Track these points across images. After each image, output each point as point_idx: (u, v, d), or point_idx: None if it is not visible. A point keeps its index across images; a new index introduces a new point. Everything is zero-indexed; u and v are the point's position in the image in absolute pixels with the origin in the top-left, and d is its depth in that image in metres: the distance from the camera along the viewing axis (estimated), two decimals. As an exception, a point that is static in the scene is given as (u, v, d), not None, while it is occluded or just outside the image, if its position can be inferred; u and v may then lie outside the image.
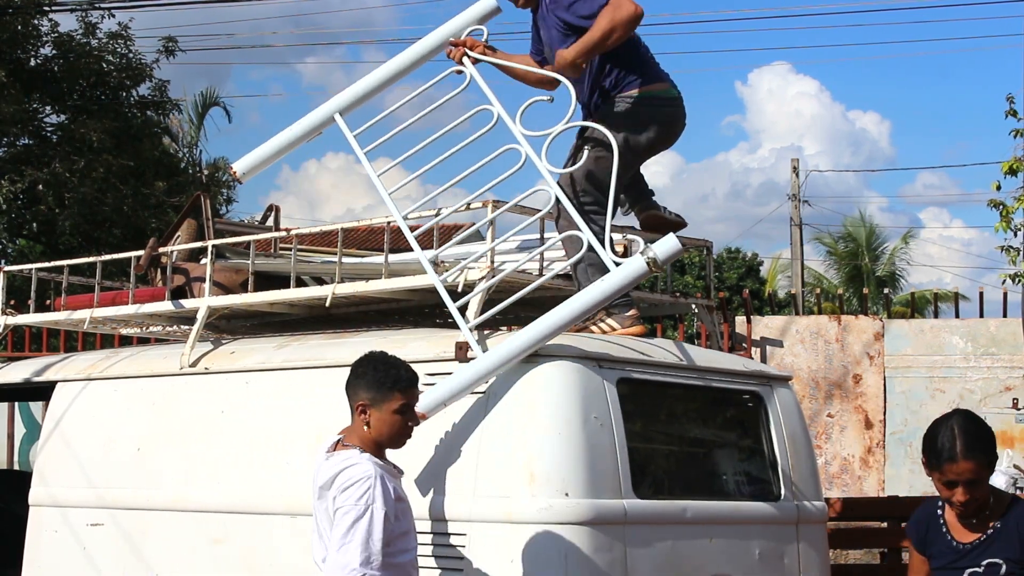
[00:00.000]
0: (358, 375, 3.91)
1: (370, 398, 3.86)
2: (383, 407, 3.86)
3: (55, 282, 6.62)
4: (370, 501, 3.72)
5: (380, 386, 3.86)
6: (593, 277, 4.92)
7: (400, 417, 3.88)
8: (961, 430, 3.92)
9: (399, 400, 3.87)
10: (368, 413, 3.87)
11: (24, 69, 18.01)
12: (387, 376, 3.88)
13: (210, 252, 5.43)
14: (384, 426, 3.88)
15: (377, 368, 3.90)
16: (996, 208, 12.14)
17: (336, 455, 3.89)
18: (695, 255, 23.38)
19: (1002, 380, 11.89)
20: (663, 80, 5.25)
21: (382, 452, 3.93)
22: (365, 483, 3.74)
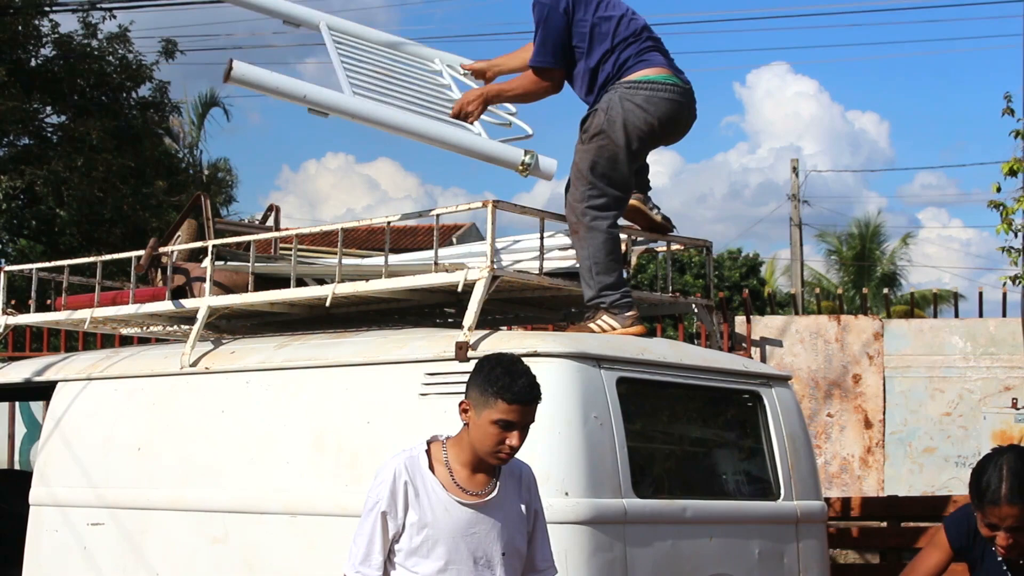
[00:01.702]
0: (475, 371, 3.54)
1: (474, 400, 3.49)
2: (483, 413, 3.45)
3: (55, 282, 6.62)
4: (377, 498, 3.50)
5: (486, 389, 3.47)
6: (597, 276, 4.93)
7: (497, 431, 3.44)
8: (1010, 471, 3.65)
9: (500, 412, 3.43)
10: (467, 414, 3.51)
11: (24, 69, 18.02)
12: (498, 381, 3.46)
13: (210, 252, 5.43)
14: (479, 434, 3.47)
15: (493, 369, 3.50)
16: (996, 209, 12.14)
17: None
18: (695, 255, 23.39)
19: (1002, 380, 11.88)
20: (666, 68, 5.22)
21: (475, 462, 3.52)
22: (378, 477, 3.53)
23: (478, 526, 3.48)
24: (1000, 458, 3.71)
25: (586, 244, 4.94)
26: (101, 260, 6.13)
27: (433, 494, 3.48)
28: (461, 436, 3.54)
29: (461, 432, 3.54)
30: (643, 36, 5.22)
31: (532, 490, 3.60)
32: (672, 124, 5.21)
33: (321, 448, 4.72)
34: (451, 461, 3.53)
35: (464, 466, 3.52)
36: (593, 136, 5.05)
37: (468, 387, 3.51)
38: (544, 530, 3.63)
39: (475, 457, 3.50)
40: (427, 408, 4.46)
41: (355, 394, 4.73)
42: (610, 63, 5.16)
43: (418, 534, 3.46)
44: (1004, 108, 12.25)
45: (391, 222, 5.14)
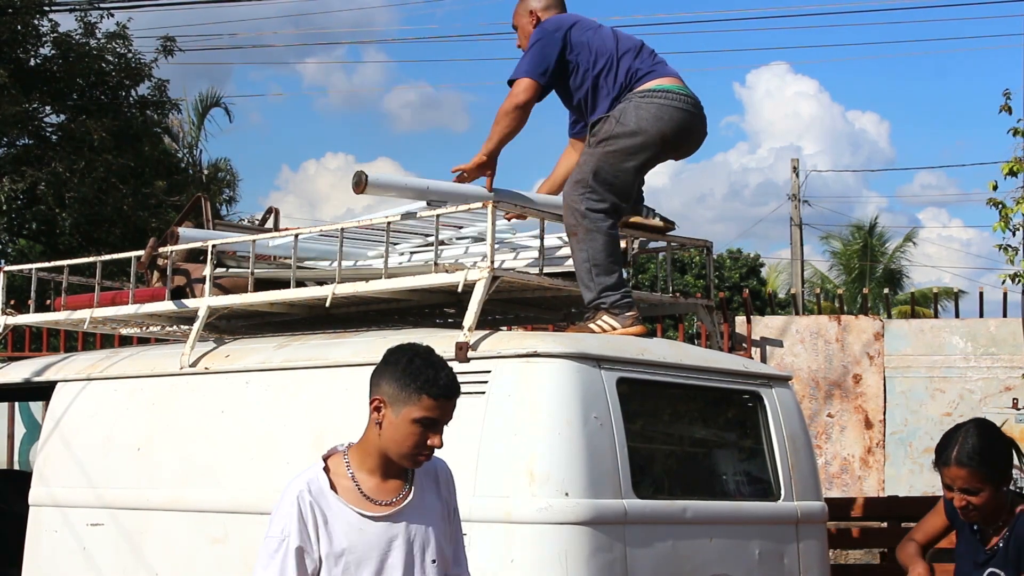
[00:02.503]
0: (387, 363, 3.17)
1: (390, 394, 3.12)
2: (402, 411, 3.10)
3: (55, 282, 6.62)
4: (283, 532, 3.11)
5: (407, 384, 3.11)
6: (597, 277, 4.93)
7: (419, 430, 3.11)
8: (966, 437, 3.96)
9: (424, 409, 3.11)
10: (382, 412, 3.14)
11: (24, 69, 18.02)
12: (420, 374, 3.12)
13: (210, 252, 5.43)
14: (397, 435, 3.11)
15: (412, 362, 3.14)
16: (996, 207, 12.14)
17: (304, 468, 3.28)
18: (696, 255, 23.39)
19: (1002, 380, 11.88)
20: (679, 78, 5.22)
21: (385, 466, 3.19)
22: (279, 509, 3.15)
23: (399, 537, 3.14)
24: (965, 425, 4.04)
25: (585, 246, 4.93)
26: (101, 260, 6.12)
27: (341, 515, 3.11)
28: (368, 440, 3.18)
29: (367, 435, 3.17)
30: (645, 48, 5.24)
31: (451, 487, 3.35)
32: (684, 135, 5.20)
33: (321, 448, 4.70)
34: (356, 471, 3.16)
35: (372, 473, 3.17)
36: (602, 141, 5.04)
37: (378, 382, 3.16)
38: (460, 532, 3.38)
39: (385, 462, 3.16)
40: (427, 408, 4.44)
41: (355, 394, 4.71)
42: (620, 75, 5.15)
43: (336, 565, 3.09)
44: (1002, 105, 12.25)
45: (391, 222, 5.13)
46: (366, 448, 3.20)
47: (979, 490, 3.94)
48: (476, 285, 4.61)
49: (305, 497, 3.14)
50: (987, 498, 3.95)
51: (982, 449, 3.94)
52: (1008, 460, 4.00)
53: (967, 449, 3.95)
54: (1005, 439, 4.04)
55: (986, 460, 3.94)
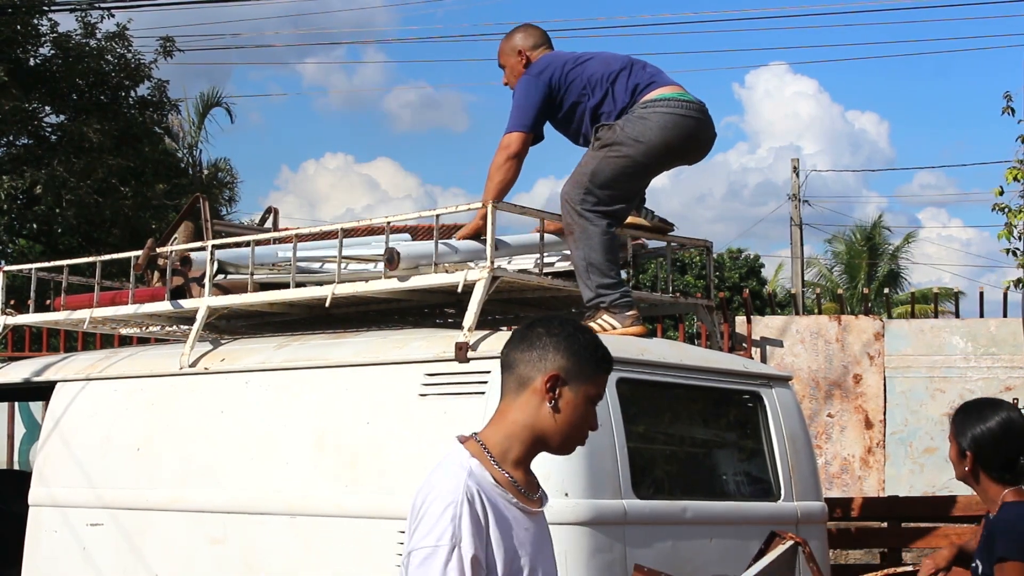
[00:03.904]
0: (550, 334, 2.70)
1: (568, 370, 2.67)
2: (580, 388, 2.68)
3: (55, 282, 6.61)
4: (453, 538, 2.53)
5: (586, 358, 2.69)
6: (592, 276, 4.92)
7: (592, 410, 2.72)
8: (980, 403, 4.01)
9: (599, 385, 2.72)
10: (559, 391, 2.67)
11: (24, 69, 18.01)
12: (595, 347, 2.72)
13: (209, 252, 5.42)
14: (575, 415, 2.68)
15: (580, 333, 2.73)
16: (1002, 211, 12.14)
17: (442, 458, 2.70)
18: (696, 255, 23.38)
19: (1002, 380, 11.87)
20: (676, 85, 5.21)
21: (530, 456, 2.74)
22: (442, 511, 2.55)
23: (545, 540, 2.78)
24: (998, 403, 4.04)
25: (581, 244, 4.93)
26: (100, 260, 6.12)
27: (508, 512, 2.64)
28: (524, 424, 2.69)
29: (522, 419, 2.69)
30: (638, 62, 5.24)
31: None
32: (691, 141, 5.19)
33: (321, 448, 4.72)
34: (500, 462, 2.68)
35: (516, 466, 2.70)
36: (604, 146, 5.04)
37: (544, 356, 2.68)
38: None
39: (534, 450, 2.73)
40: (427, 408, 4.45)
41: (355, 394, 4.72)
42: (619, 93, 5.14)
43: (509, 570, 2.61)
44: (1004, 107, 12.26)
45: (391, 222, 5.13)
46: (516, 435, 2.69)
47: (949, 441, 3.98)
48: (476, 285, 4.61)
49: (473, 491, 2.58)
50: (952, 456, 3.94)
51: (968, 415, 3.95)
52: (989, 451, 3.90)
53: (966, 404, 4.01)
54: (1005, 436, 3.97)
55: (961, 423, 3.94)
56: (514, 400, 2.71)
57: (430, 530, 2.54)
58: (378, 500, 4.48)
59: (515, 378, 2.71)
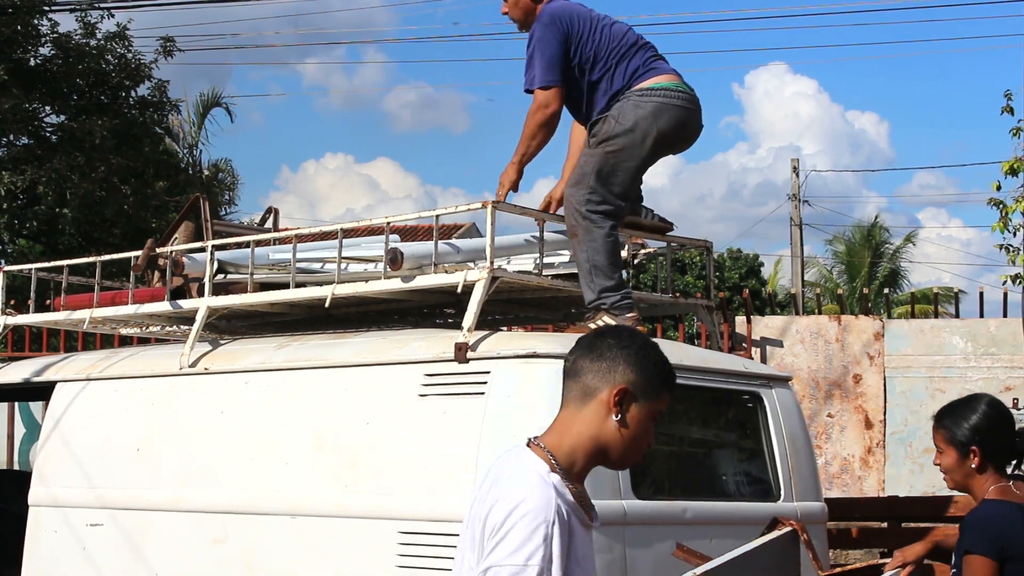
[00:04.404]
0: (621, 346, 2.65)
1: (638, 385, 2.61)
2: (646, 405, 2.63)
3: (55, 282, 6.61)
4: (542, 562, 2.45)
5: (655, 374, 2.64)
6: (596, 279, 4.92)
7: (652, 427, 2.68)
8: (959, 400, 3.99)
9: (664, 403, 2.69)
10: (626, 405, 2.62)
11: (24, 69, 18.01)
12: (664, 364, 2.67)
13: (209, 252, 5.42)
14: (640, 431, 2.63)
15: (651, 348, 2.68)
16: (996, 207, 12.15)
17: (514, 463, 2.64)
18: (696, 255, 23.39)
19: (1002, 380, 11.87)
20: (676, 75, 5.21)
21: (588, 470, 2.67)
22: (534, 528, 2.47)
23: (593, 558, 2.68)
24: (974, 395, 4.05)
25: (585, 247, 4.93)
26: (100, 260, 6.12)
27: (578, 530, 2.57)
28: (589, 437, 2.62)
29: (587, 431, 2.62)
30: (642, 44, 5.21)
31: None
32: (683, 131, 5.19)
33: (321, 449, 4.72)
34: (567, 474, 2.60)
35: (577, 479, 2.63)
36: (602, 142, 5.03)
37: (613, 368, 2.63)
38: None
39: (593, 464, 2.66)
40: (426, 409, 4.45)
41: (354, 395, 4.72)
42: (617, 75, 5.11)
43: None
44: (1004, 106, 12.26)
45: (391, 222, 5.13)
46: (582, 447, 2.62)
47: (941, 450, 3.94)
48: (475, 286, 4.61)
49: (561, 509, 2.51)
50: (952, 463, 3.91)
51: (957, 412, 3.92)
52: (991, 436, 3.91)
53: (945, 408, 3.98)
54: (1000, 419, 3.98)
55: (955, 422, 3.91)
56: (578, 411, 2.65)
57: (519, 547, 2.46)
58: (378, 500, 4.48)
59: (580, 387, 2.66)
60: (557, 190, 5.43)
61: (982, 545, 3.77)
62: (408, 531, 4.35)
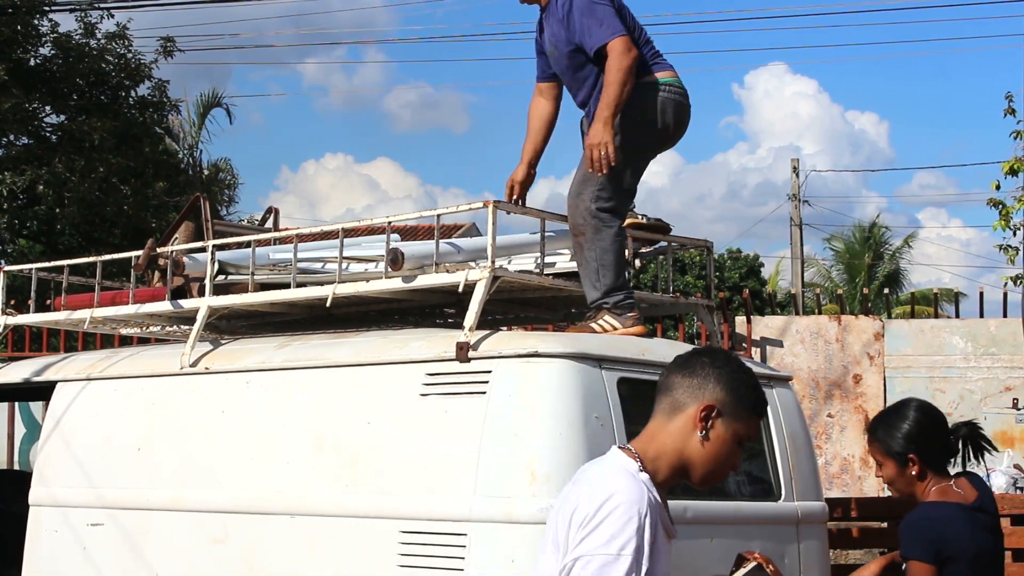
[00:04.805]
0: (714, 365, 2.73)
1: (726, 404, 2.70)
2: (733, 425, 2.71)
3: (55, 282, 6.61)
4: (637, 553, 2.50)
5: (746, 396, 2.72)
6: (604, 278, 4.92)
7: (737, 450, 2.75)
8: (887, 410, 3.99)
9: (753, 428, 2.75)
10: (712, 422, 2.70)
11: (24, 69, 18.01)
12: (756, 388, 2.75)
13: (210, 252, 5.42)
14: (723, 451, 2.71)
15: (744, 372, 2.75)
16: (996, 207, 12.16)
17: (602, 463, 2.72)
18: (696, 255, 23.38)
19: (1002, 380, 11.87)
20: (672, 69, 5.20)
21: (670, 483, 2.73)
22: (628, 519, 2.52)
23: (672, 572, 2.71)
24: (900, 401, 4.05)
25: (594, 246, 4.92)
26: (101, 260, 6.12)
27: (659, 538, 2.60)
28: (675, 450, 2.70)
29: (673, 444, 2.70)
30: (646, 36, 5.21)
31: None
32: (680, 128, 5.20)
33: (321, 448, 4.72)
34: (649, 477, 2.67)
35: (660, 488, 2.69)
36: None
37: (704, 386, 2.71)
38: None
39: (676, 478, 2.73)
40: (428, 408, 4.45)
41: (355, 394, 4.72)
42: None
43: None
44: (1006, 109, 12.27)
45: (391, 222, 5.13)
46: (665, 458, 2.70)
47: (880, 463, 3.94)
48: (476, 285, 4.61)
49: (653, 504, 2.58)
50: (892, 474, 3.93)
51: (888, 422, 3.91)
52: (926, 442, 3.91)
53: (876, 420, 3.98)
54: (931, 423, 3.96)
55: (888, 433, 3.91)
56: (665, 424, 2.73)
57: (611, 538, 2.50)
58: (378, 500, 4.48)
59: (670, 401, 2.74)
60: (519, 172, 5.39)
61: (916, 550, 3.77)
62: (409, 531, 4.35)
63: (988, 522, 3.92)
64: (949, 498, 3.88)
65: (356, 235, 5.90)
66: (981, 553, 3.83)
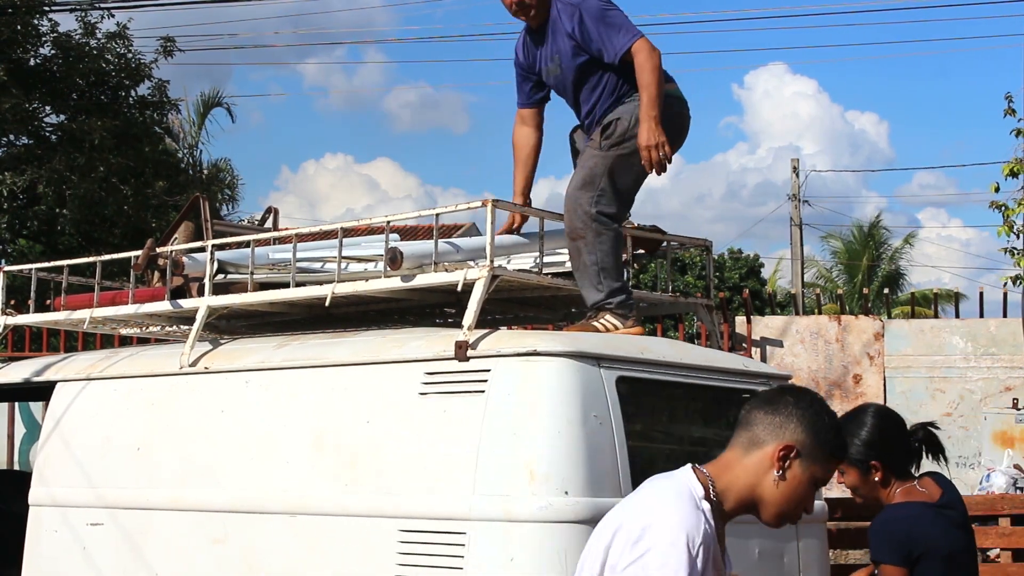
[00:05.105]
0: (798, 404, 2.74)
1: (806, 445, 2.68)
2: (810, 467, 2.68)
3: (55, 282, 6.61)
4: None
5: (827, 440, 2.71)
6: (605, 280, 4.93)
7: (812, 493, 2.72)
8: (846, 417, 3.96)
9: (829, 471, 2.74)
10: (789, 462, 2.68)
11: (23, 69, 18.02)
12: (838, 432, 2.74)
13: (209, 252, 5.42)
14: (797, 491, 2.69)
15: (828, 415, 2.74)
16: (998, 209, 12.16)
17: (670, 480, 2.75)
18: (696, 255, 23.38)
19: (1002, 380, 11.88)
20: (672, 81, 5.22)
21: (735, 515, 2.74)
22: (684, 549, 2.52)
23: None
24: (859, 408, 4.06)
25: (594, 249, 4.93)
26: (101, 260, 6.12)
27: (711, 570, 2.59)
28: (748, 484, 2.70)
29: (747, 479, 2.71)
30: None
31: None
32: (679, 138, 5.20)
33: (321, 448, 4.72)
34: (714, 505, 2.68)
35: (722, 519, 2.71)
36: (614, 145, 5.02)
37: (786, 424, 2.72)
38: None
39: (742, 511, 2.73)
40: (426, 407, 4.45)
41: (354, 394, 4.72)
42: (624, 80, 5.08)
43: None
44: (1006, 109, 12.27)
45: (391, 222, 5.13)
46: (735, 490, 2.71)
47: (843, 471, 3.94)
48: (476, 284, 4.61)
49: (708, 535, 2.58)
50: (856, 481, 3.94)
51: (848, 431, 3.87)
52: (885, 447, 3.92)
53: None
54: (890, 427, 3.97)
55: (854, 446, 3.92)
56: (742, 457, 2.74)
57: (664, 562, 2.50)
58: (378, 499, 4.48)
59: (749, 436, 2.76)
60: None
61: (885, 553, 3.77)
62: (408, 530, 4.35)
63: (957, 519, 3.93)
64: (914, 498, 3.88)
65: (355, 235, 5.90)
66: (954, 551, 3.84)
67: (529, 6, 5.15)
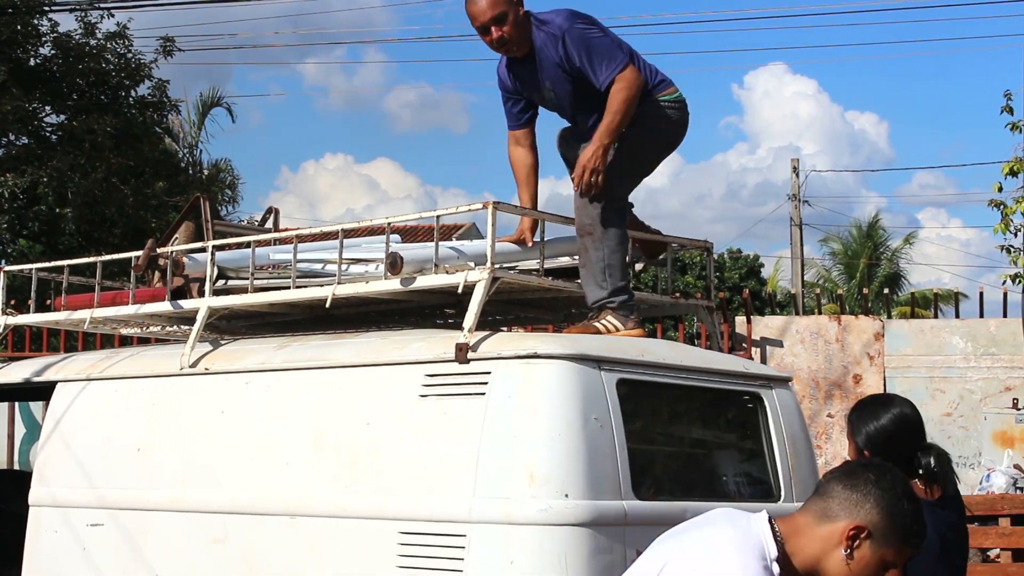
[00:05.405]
0: (879, 484, 2.65)
1: (879, 528, 2.62)
2: (881, 550, 2.62)
3: (55, 282, 6.61)
4: None
5: (904, 527, 2.63)
6: (610, 279, 4.93)
7: (880, 573, 2.67)
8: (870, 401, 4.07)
9: (899, 558, 2.66)
10: (859, 543, 2.62)
11: (24, 69, 18.02)
12: (916, 521, 2.66)
13: (210, 252, 5.42)
14: (863, 572, 2.63)
15: (908, 500, 2.66)
16: (997, 208, 12.15)
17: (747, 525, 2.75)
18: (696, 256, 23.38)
19: (1002, 380, 11.88)
20: (673, 85, 5.25)
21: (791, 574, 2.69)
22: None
23: None
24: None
25: (601, 246, 4.95)
26: (101, 260, 6.12)
27: None
28: (814, 557, 2.65)
29: (814, 552, 2.66)
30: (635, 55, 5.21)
31: None
32: (680, 142, 5.30)
33: (321, 449, 4.72)
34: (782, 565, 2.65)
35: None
36: (623, 146, 5.04)
37: (862, 503, 2.64)
38: None
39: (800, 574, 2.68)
40: (427, 409, 4.45)
41: (355, 395, 4.72)
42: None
43: None
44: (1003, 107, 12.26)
45: (391, 222, 5.13)
46: (802, 559, 2.67)
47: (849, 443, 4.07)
48: (476, 286, 4.61)
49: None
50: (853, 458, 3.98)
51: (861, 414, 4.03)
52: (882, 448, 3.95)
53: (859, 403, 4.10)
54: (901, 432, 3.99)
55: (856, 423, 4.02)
56: (813, 526, 2.68)
57: None
58: (378, 500, 4.48)
59: (823, 506, 2.69)
60: (525, 221, 5.25)
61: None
62: (408, 532, 4.35)
63: (952, 519, 3.94)
64: None
65: (356, 236, 5.90)
66: (948, 549, 3.85)
67: (510, 42, 5.07)
